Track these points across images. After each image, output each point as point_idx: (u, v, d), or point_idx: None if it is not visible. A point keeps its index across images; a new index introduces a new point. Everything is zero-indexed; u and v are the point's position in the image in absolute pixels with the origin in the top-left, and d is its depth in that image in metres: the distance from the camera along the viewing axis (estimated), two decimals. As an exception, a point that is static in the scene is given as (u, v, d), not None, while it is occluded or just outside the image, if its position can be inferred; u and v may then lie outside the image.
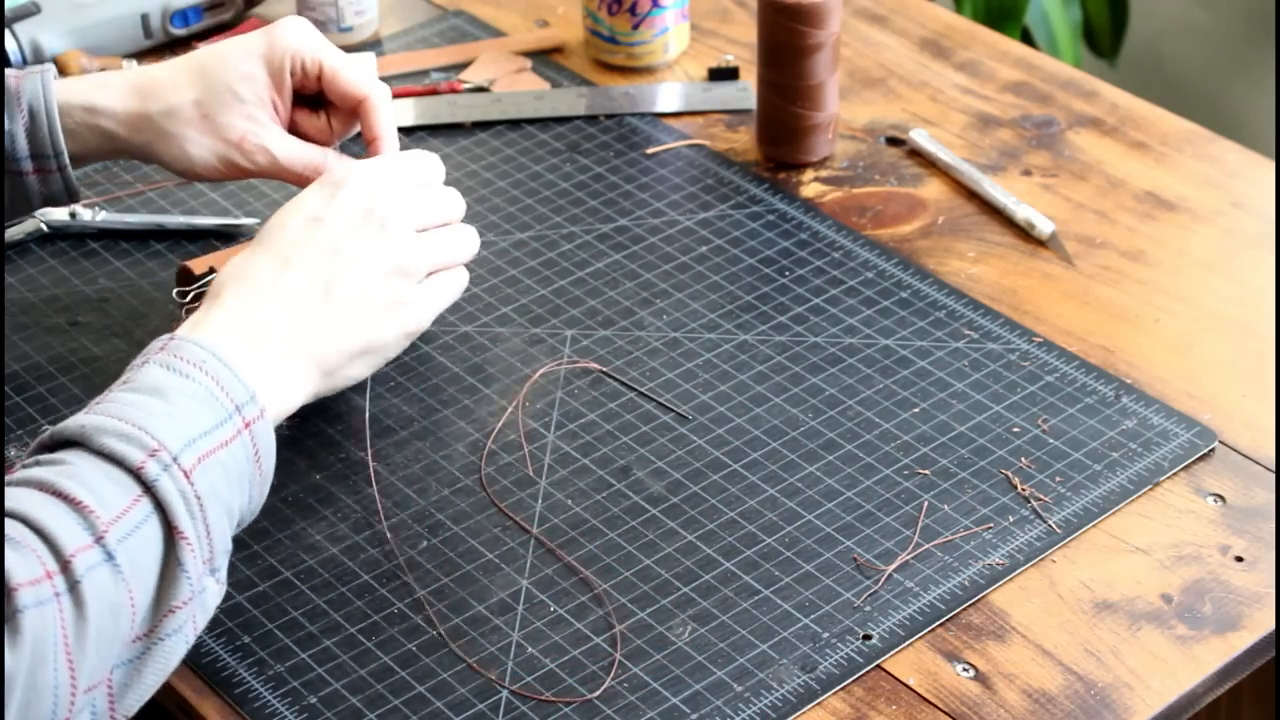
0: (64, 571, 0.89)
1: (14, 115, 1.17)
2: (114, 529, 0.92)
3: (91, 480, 0.93)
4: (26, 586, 0.87)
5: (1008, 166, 1.42)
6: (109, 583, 0.91)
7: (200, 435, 0.97)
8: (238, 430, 0.99)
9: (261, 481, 1.02)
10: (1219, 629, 1.06)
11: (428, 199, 1.16)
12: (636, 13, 1.51)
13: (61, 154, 1.19)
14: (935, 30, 1.57)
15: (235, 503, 1.00)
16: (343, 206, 1.11)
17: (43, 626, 0.87)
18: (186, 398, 0.98)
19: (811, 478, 1.15)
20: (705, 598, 1.08)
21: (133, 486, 0.94)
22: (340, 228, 1.11)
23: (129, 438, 0.95)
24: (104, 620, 0.90)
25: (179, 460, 0.95)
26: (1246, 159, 1.42)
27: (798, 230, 1.35)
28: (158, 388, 0.98)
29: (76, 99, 1.20)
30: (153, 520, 0.94)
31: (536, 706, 1.02)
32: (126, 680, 0.94)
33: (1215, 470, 1.16)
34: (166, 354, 1.01)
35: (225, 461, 0.98)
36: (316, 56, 1.21)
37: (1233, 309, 1.28)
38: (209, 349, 1.01)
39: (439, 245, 1.15)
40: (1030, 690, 1.03)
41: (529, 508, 1.14)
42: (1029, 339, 1.25)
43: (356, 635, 1.06)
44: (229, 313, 1.06)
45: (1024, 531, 1.11)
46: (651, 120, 1.48)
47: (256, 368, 1.03)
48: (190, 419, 0.97)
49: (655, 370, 1.24)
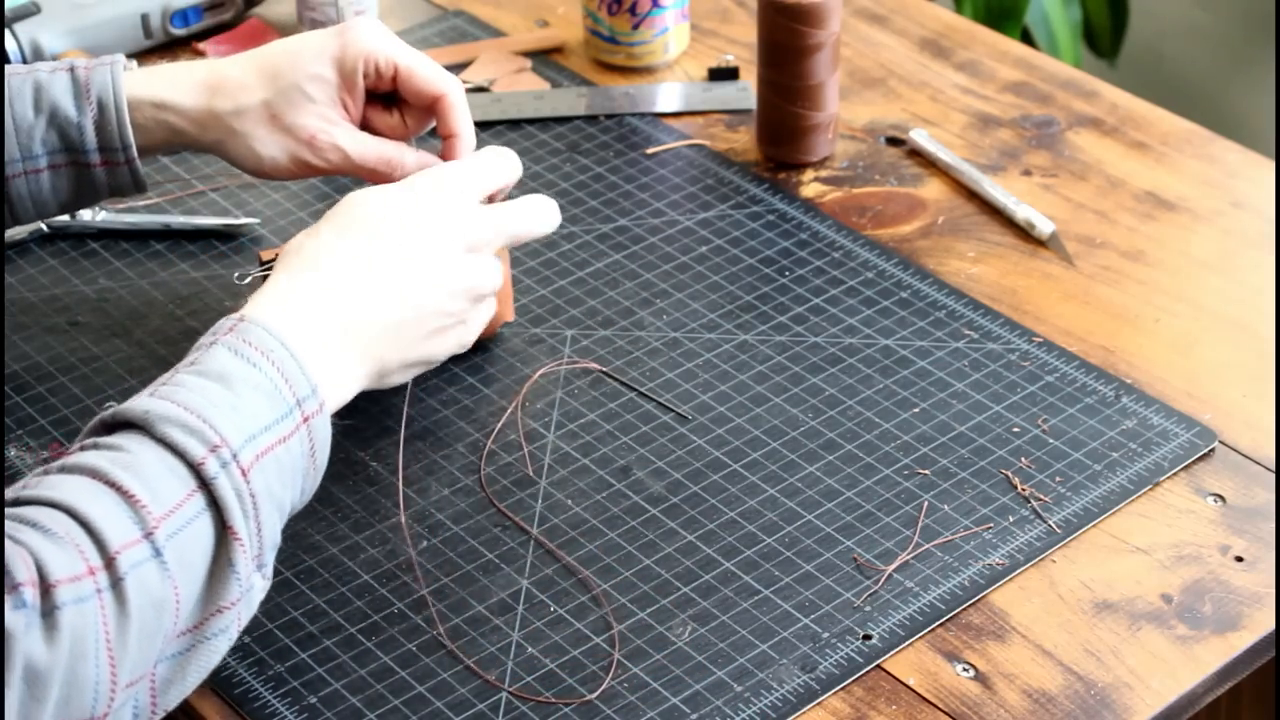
0: (108, 568, 0.88)
1: (83, 108, 1.17)
2: (165, 524, 0.91)
3: (148, 471, 0.92)
4: (66, 583, 0.87)
5: (1008, 166, 1.42)
6: (154, 579, 0.90)
7: (261, 430, 0.96)
8: (296, 425, 0.98)
9: (315, 474, 1.01)
10: (1219, 629, 1.06)
11: (512, 219, 1.13)
12: (636, 13, 1.51)
13: (130, 147, 1.18)
14: (935, 30, 1.57)
15: (287, 498, 0.99)
16: (433, 222, 1.10)
17: (83, 623, 0.87)
18: (251, 389, 0.97)
19: (811, 478, 1.15)
20: (705, 598, 1.08)
21: (189, 480, 0.93)
22: (427, 242, 1.09)
23: (192, 430, 0.94)
24: (147, 616, 0.90)
25: (238, 457, 0.94)
26: (1246, 159, 1.42)
27: (798, 230, 1.35)
28: (224, 374, 0.97)
29: (146, 93, 1.19)
30: (205, 517, 0.93)
31: (536, 706, 1.02)
32: (170, 676, 0.93)
33: (1215, 470, 1.16)
34: (235, 337, 1.00)
35: (282, 458, 0.97)
36: (391, 58, 1.19)
37: (1233, 309, 1.28)
38: (278, 337, 1.00)
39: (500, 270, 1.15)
40: (1030, 690, 1.03)
41: (529, 508, 1.14)
42: (1029, 339, 1.25)
43: (356, 635, 1.06)
44: (300, 297, 1.04)
45: (1024, 531, 1.11)
46: (651, 120, 1.48)
47: (320, 360, 1.02)
48: (253, 412, 0.97)
49: (655, 370, 1.24)
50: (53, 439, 1.20)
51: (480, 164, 1.14)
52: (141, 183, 1.21)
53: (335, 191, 1.41)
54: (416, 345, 1.09)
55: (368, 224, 1.08)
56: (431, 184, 1.11)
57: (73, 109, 1.17)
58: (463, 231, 1.10)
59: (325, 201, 1.39)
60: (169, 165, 1.43)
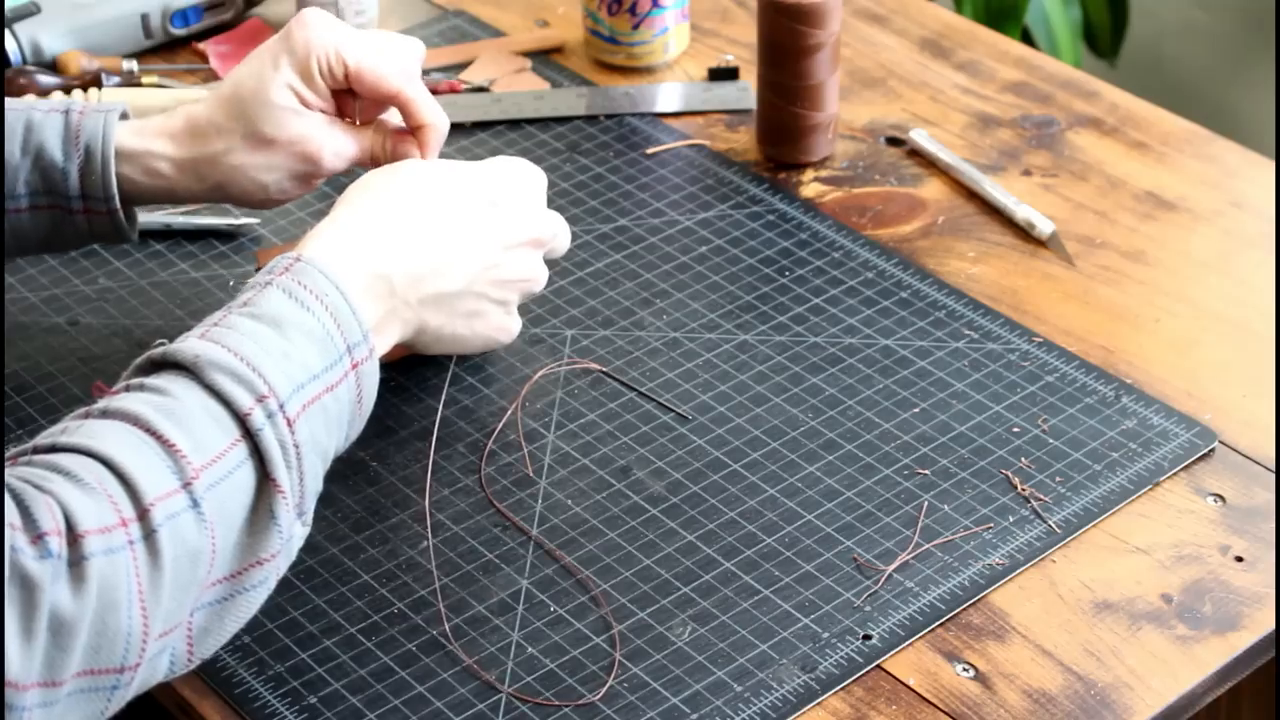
0: (141, 519, 0.88)
1: (70, 154, 1.16)
2: (205, 474, 0.91)
3: (192, 419, 0.92)
4: (95, 534, 0.87)
5: (1008, 166, 1.42)
6: (191, 530, 0.90)
7: (309, 379, 0.96)
8: (345, 373, 0.99)
9: (360, 420, 1.02)
10: (1219, 629, 1.06)
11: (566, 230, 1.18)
12: (636, 13, 1.51)
13: (113, 198, 1.16)
14: (935, 30, 1.57)
15: (331, 445, 0.99)
16: (510, 206, 1.12)
17: (113, 573, 0.87)
18: (303, 334, 0.97)
19: (811, 478, 1.15)
20: (705, 598, 1.08)
21: (233, 429, 0.93)
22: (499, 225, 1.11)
23: (240, 378, 0.94)
24: (182, 567, 0.90)
25: (285, 408, 0.95)
26: (1246, 159, 1.42)
27: (798, 230, 1.35)
28: (277, 318, 0.97)
29: (138, 145, 1.17)
30: (247, 467, 0.93)
31: (536, 707, 1.02)
32: (206, 624, 0.94)
33: (1215, 470, 1.16)
34: (290, 278, 1.00)
35: (329, 406, 0.98)
36: (341, 56, 1.16)
37: (1233, 309, 1.28)
38: (333, 279, 1.00)
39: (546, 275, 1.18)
40: (1030, 690, 1.03)
41: (529, 508, 1.14)
42: (1029, 339, 1.25)
43: (356, 635, 1.06)
44: (359, 241, 1.05)
45: (1024, 531, 1.11)
46: (651, 120, 1.48)
47: (372, 308, 1.03)
48: (303, 360, 0.97)
49: (655, 370, 1.24)
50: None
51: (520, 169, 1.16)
52: (125, 232, 1.19)
53: (334, 191, 1.40)
54: (454, 321, 1.11)
55: (443, 191, 1.10)
56: (517, 171, 1.14)
57: (60, 154, 1.16)
58: (533, 225, 1.13)
59: (325, 201, 1.39)
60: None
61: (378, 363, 1.02)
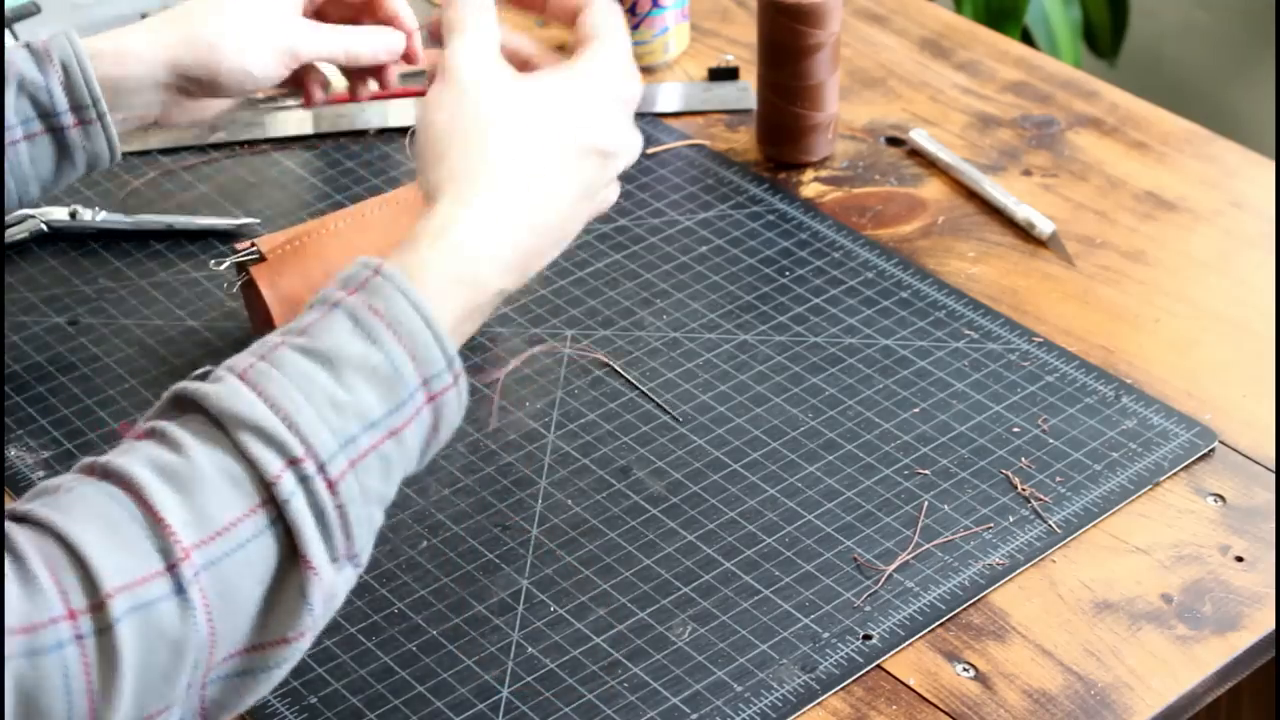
0: (94, 611, 0.78)
1: (48, 71, 1.15)
2: (199, 553, 0.80)
3: (201, 484, 0.82)
4: (20, 634, 0.77)
5: (1008, 166, 1.42)
6: (170, 617, 0.80)
7: (364, 430, 0.85)
8: (417, 409, 0.86)
9: (437, 444, 0.90)
10: (1219, 629, 1.06)
11: None
12: (636, 13, 1.51)
13: (99, 100, 1.16)
14: (935, 30, 1.57)
15: (393, 487, 0.88)
16: (620, 152, 0.99)
17: (39, 677, 0.77)
18: (364, 376, 0.85)
19: (811, 478, 1.15)
20: (705, 598, 1.08)
21: (254, 496, 0.82)
22: (608, 169, 0.99)
23: (271, 438, 0.82)
24: (156, 658, 0.80)
25: (326, 469, 0.83)
26: (1246, 159, 1.42)
27: (798, 230, 1.35)
28: (333, 355, 0.85)
29: (109, 45, 1.18)
30: (266, 538, 0.82)
31: (536, 707, 1.02)
32: (222, 699, 0.84)
33: (1215, 470, 1.16)
34: (361, 300, 0.87)
35: (389, 454, 0.86)
36: None
37: (1233, 309, 1.28)
38: (415, 303, 0.87)
39: None
40: (1030, 690, 1.03)
41: (529, 508, 1.14)
42: (1029, 339, 1.25)
43: (356, 635, 1.06)
44: (456, 246, 0.90)
45: (1024, 531, 1.11)
46: (651, 120, 1.48)
47: (459, 323, 0.90)
48: (359, 409, 0.85)
49: (655, 370, 1.24)
50: (53, 438, 1.20)
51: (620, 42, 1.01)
52: (115, 147, 1.17)
53: (336, 191, 1.41)
54: (533, 262, 0.95)
55: (543, 157, 0.95)
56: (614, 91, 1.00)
57: (38, 73, 1.15)
58: (626, 149, 1.00)
59: (325, 202, 1.39)
60: (168, 164, 1.43)
61: (465, 383, 0.89)
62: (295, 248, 1.22)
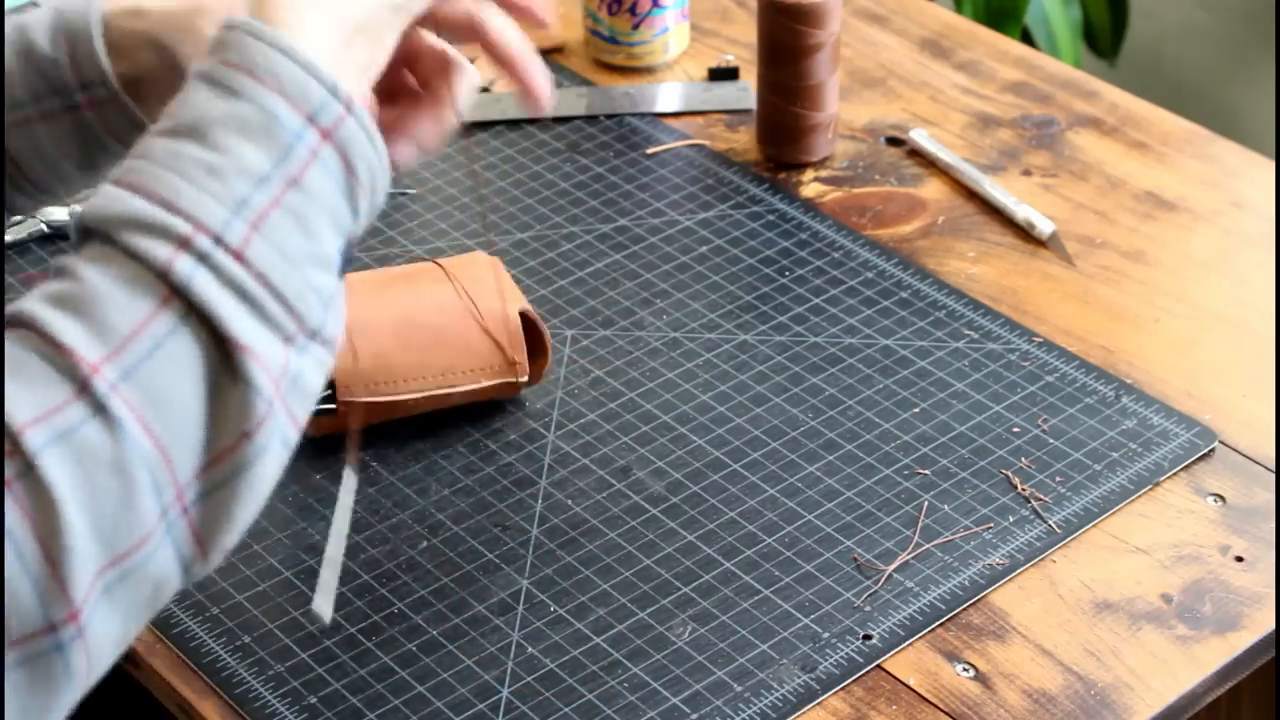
0: (11, 456, 0.73)
1: (58, 43, 1.00)
2: (108, 366, 0.75)
3: (95, 299, 0.76)
4: None
5: (1008, 166, 1.42)
6: (97, 439, 0.75)
7: (254, 188, 0.79)
8: (312, 151, 0.80)
9: (364, 191, 0.83)
10: (1219, 629, 1.06)
11: None
12: (636, 13, 1.51)
13: (107, 77, 1.00)
14: (935, 30, 1.57)
15: (325, 240, 0.81)
16: None
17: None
18: (234, 132, 0.79)
19: (811, 478, 1.15)
20: (705, 598, 1.08)
21: (155, 293, 0.77)
22: None
23: (150, 226, 0.77)
24: (101, 485, 0.75)
25: (224, 239, 0.77)
26: (1246, 159, 1.42)
27: (798, 230, 1.35)
28: (197, 124, 0.79)
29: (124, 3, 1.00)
30: (182, 333, 0.77)
31: (536, 706, 1.02)
32: (212, 517, 0.79)
33: (1215, 470, 1.16)
34: (215, 60, 0.81)
35: (296, 206, 0.80)
36: None
37: (1233, 309, 1.28)
38: (271, 41, 0.81)
39: None
40: (1030, 690, 1.03)
41: (529, 508, 1.14)
42: (1029, 339, 1.25)
43: (357, 635, 1.06)
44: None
45: (1024, 531, 1.11)
46: (651, 120, 1.48)
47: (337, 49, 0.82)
48: (240, 165, 0.79)
49: (655, 370, 1.24)
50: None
51: None
52: (139, 119, 1.01)
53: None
54: None
55: None
56: None
57: (48, 45, 1.00)
58: None
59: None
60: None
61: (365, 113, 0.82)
62: None
